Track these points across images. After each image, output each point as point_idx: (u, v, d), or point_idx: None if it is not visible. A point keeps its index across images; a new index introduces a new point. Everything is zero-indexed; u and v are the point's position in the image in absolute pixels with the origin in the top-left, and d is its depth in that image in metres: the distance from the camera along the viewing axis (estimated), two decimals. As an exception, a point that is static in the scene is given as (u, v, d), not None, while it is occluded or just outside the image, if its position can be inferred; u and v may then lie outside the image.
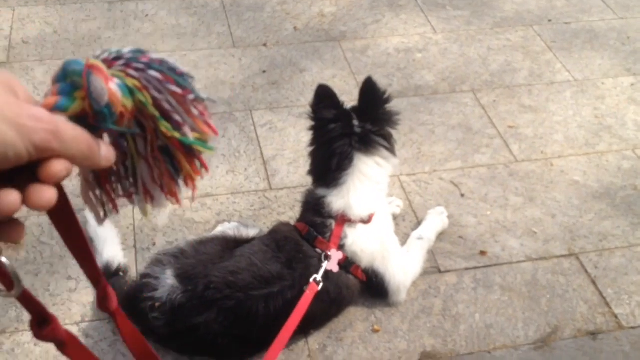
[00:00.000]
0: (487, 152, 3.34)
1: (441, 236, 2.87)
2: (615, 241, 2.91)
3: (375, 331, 2.54)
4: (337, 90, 2.55)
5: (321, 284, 2.29)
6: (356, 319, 2.57)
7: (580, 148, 3.39)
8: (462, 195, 3.11)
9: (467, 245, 2.88)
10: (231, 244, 2.48)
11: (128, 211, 2.93)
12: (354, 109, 2.50)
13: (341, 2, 4.42)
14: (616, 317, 2.61)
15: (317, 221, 2.44)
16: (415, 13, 4.35)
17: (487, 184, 3.17)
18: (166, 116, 0.84)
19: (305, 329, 2.42)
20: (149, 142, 0.85)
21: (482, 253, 2.84)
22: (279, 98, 3.61)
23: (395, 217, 2.91)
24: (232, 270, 2.28)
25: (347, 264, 2.42)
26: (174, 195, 0.91)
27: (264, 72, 3.80)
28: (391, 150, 2.52)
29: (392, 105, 2.54)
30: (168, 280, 2.28)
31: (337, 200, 2.43)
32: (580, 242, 2.90)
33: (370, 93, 2.47)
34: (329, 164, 2.46)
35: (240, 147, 3.31)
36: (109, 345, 2.44)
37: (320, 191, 2.48)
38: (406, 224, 2.95)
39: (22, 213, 0.72)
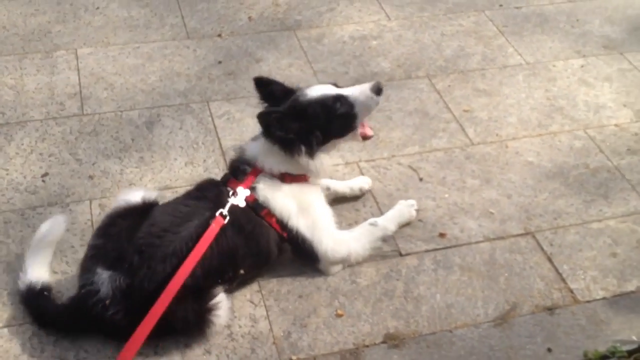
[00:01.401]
0: (443, 136, 3.39)
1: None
2: (569, 219, 2.99)
3: (339, 316, 2.56)
4: (294, 79, 2.64)
5: (227, 218, 2.43)
6: (319, 305, 2.59)
7: (533, 129, 3.46)
8: (421, 179, 3.15)
9: (427, 228, 2.92)
10: (140, 211, 2.54)
11: (85, 207, 2.89)
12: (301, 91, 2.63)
13: (295, -9, 4.42)
14: (572, 292, 2.68)
15: (236, 166, 2.64)
16: (369, 1, 4.37)
17: (444, 168, 3.21)
18: None
19: (234, 266, 2.49)
20: None
21: (442, 235, 2.89)
22: (235, 89, 3.60)
23: (359, 197, 3.02)
24: (151, 223, 2.42)
25: (256, 205, 2.54)
26: None
27: (220, 62, 3.78)
28: (284, 149, 2.59)
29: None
30: (102, 275, 2.31)
31: (252, 150, 2.63)
32: (536, 221, 2.96)
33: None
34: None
35: (198, 138, 3.29)
36: (70, 342, 2.41)
37: (244, 144, 2.72)
38: (366, 209, 2.98)
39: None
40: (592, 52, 4.02)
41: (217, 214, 2.43)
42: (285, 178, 2.59)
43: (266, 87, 2.64)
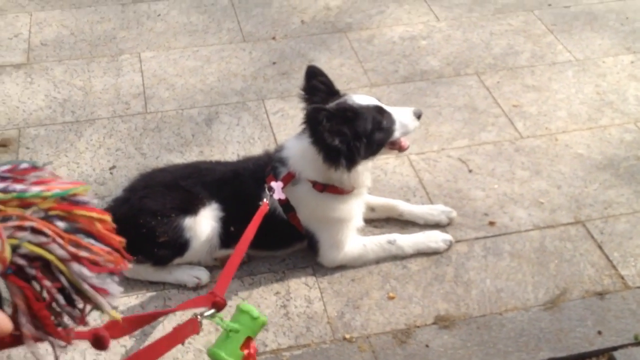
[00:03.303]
0: (492, 130, 3.45)
1: (451, 207, 2.97)
2: (619, 208, 3.01)
3: (391, 298, 2.65)
4: (345, 78, 2.71)
5: (268, 207, 2.51)
6: (372, 288, 2.69)
7: (583, 123, 3.49)
8: (470, 171, 3.22)
9: (477, 216, 2.98)
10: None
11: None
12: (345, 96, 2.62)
13: (346, -5, 4.56)
14: (622, 278, 2.71)
15: (273, 164, 2.65)
16: (418, 3, 4.48)
17: (494, 160, 3.28)
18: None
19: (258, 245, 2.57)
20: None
21: (491, 223, 2.95)
22: (289, 87, 3.74)
23: (406, 194, 3.05)
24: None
25: (286, 207, 2.62)
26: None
27: (274, 63, 3.93)
28: (326, 160, 2.53)
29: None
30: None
31: (289, 150, 2.66)
32: (586, 211, 3.00)
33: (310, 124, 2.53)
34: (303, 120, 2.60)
35: (254, 134, 3.44)
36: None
37: (290, 138, 2.76)
38: (416, 199, 3.07)
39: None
40: (643, 49, 4.04)
41: (265, 200, 2.52)
42: (317, 186, 2.60)
43: (316, 78, 2.64)
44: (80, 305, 0.96)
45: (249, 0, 4.48)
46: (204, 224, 2.59)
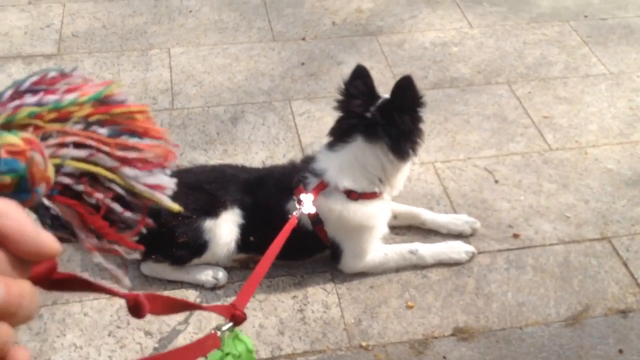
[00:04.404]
0: (521, 140, 3.40)
1: (474, 218, 2.93)
2: (648, 226, 2.94)
3: (409, 307, 2.62)
4: (374, 81, 2.63)
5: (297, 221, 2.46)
6: (390, 296, 2.66)
7: (614, 137, 3.42)
8: (496, 182, 3.17)
9: (501, 228, 2.94)
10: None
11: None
12: (385, 98, 2.59)
13: (378, -2, 4.53)
14: (648, 298, 2.65)
15: (304, 175, 2.61)
16: (452, 9, 4.43)
17: (521, 171, 3.22)
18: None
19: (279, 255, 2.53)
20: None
21: (515, 236, 2.90)
22: (317, 89, 3.72)
23: (428, 202, 3.01)
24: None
25: (315, 220, 2.58)
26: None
27: (303, 64, 3.92)
28: (394, 150, 2.54)
29: (423, 110, 2.58)
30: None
31: (324, 162, 2.60)
32: (613, 227, 2.93)
33: (401, 91, 2.52)
34: (334, 130, 2.65)
35: (279, 134, 3.42)
36: (154, 316, 2.56)
37: (321, 149, 2.69)
38: (440, 207, 3.03)
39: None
40: (680, 64, 3.95)
41: (295, 213, 2.48)
42: (352, 195, 2.56)
43: (362, 79, 2.59)
44: (139, 206, 0.90)
45: (281, 0, 4.47)
46: (224, 227, 2.58)
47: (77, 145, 0.82)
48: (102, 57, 3.92)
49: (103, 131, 0.84)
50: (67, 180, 0.81)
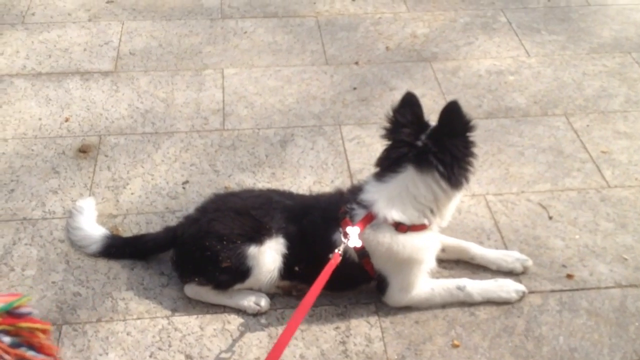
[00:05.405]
0: (578, 176, 3.28)
1: (526, 255, 2.83)
2: None
3: (455, 346, 2.53)
4: (425, 109, 2.56)
5: (340, 258, 2.43)
6: (436, 333, 2.58)
7: (677, 177, 3.28)
8: (550, 218, 3.06)
9: (554, 267, 2.83)
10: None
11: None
12: (434, 125, 2.50)
13: (434, 24, 4.47)
14: None
15: (351, 206, 2.55)
16: (509, 37, 4.34)
17: (576, 208, 3.11)
18: None
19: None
20: None
21: (569, 276, 2.79)
22: (367, 114, 3.68)
23: (478, 237, 2.93)
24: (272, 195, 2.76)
25: (361, 253, 2.52)
26: None
27: (355, 89, 3.88)
28: (447, 178, 2.45)
29: (474, 134, 2.49)
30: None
31: (372, 193, 2.52)
32: (674, 272, 2.80)
33: (449, 116, 2.44)
34: (382, 160, 2.56)
35: (328, 159, 3.39)
36: (195, 339, 2.54)
37: (368, 179, 2.61)
38: (490, 242, 2.94)
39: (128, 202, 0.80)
40: None
41: (338, 250, 2.44)
42: (400, 227, 2.49)
43: (411, 107, 2.51)
44: None
45: (335, 24, 4.46)
46: (268, 254, 2.55)
47: None
48: (157, 75, 3.96)
49: (6, 340, 0.99)
50: None
